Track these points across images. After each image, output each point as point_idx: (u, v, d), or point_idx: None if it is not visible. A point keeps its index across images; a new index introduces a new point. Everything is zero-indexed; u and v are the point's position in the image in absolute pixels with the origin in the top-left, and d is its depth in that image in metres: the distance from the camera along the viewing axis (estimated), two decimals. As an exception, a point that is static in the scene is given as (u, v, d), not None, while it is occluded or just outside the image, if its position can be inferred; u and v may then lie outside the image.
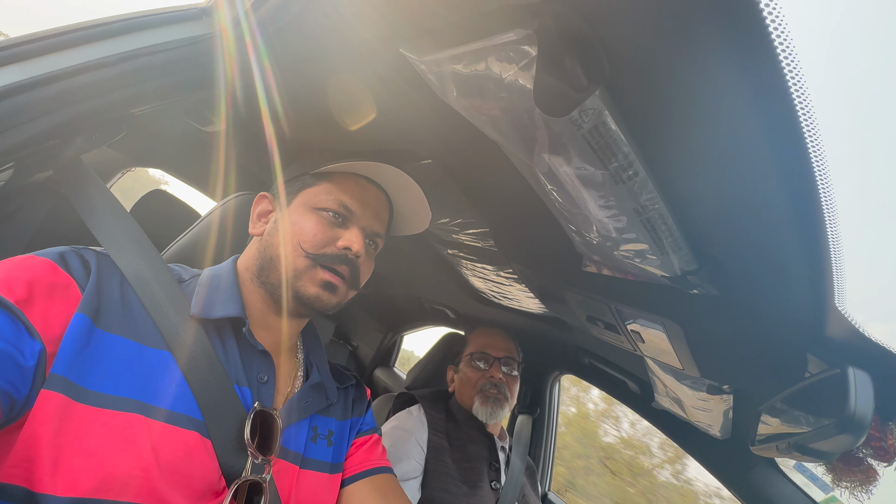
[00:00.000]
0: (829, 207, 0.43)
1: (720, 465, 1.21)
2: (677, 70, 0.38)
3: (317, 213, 0.66)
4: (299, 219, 0.65)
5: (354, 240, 0.65)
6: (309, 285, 0.63)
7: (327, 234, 0.65)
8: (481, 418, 1.29)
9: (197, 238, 0.84)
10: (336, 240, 0.65)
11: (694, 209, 0.56)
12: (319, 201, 0.66)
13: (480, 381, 1.33)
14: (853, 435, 0.52)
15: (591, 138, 0.48)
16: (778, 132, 0.38)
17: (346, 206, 0.67)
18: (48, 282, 0.49)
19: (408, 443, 1.19)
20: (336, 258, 0.64)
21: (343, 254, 0.65)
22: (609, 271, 0.82)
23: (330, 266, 0.64)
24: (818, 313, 0.58)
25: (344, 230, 0.67)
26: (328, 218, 0.66)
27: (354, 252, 0.65)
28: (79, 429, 0.45)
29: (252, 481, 0.54)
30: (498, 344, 1.39)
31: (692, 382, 1.00)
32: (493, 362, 1.35)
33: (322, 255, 0.64)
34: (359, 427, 0.77)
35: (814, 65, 0.33)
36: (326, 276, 0.64)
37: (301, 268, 0.63)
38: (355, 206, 0.68)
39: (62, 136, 0.58)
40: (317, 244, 0.64)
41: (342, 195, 0.67)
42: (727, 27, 0.32)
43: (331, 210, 0.66)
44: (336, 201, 0.66)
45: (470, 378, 1.35)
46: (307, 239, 0.63)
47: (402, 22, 0.47)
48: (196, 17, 0.63)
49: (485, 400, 1.29)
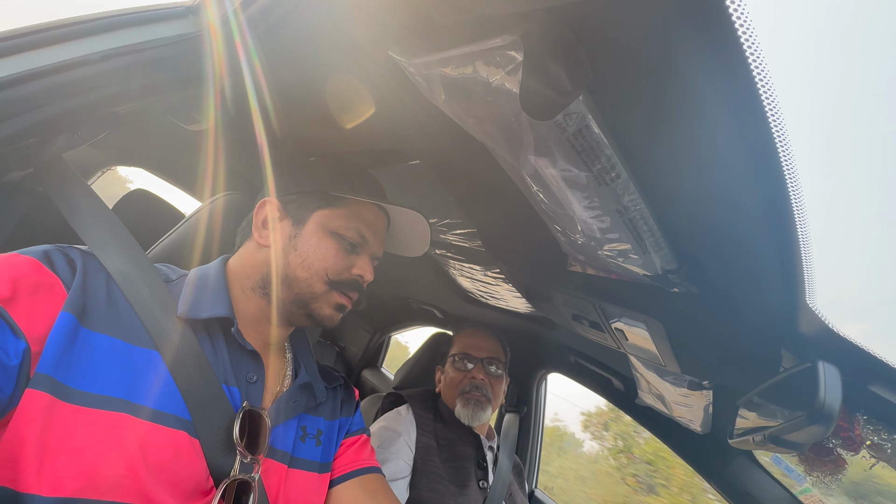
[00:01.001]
0: (800, 210, 0.46)
1: (701, 459, 1.25)
2: (657, 77, 0.40)
3: (336, 239, 0.68)
4: (318, 243, 0.67)
5: (367, 269, 0.70)
6: (325, 307, 0.67)
7: (346, 262, 0.68)
8: (463, 420, 1.30)
9: (183, 237, 0.83)
10: (351, 267, 0.69)
11: (674, 210, 0.58)
12: (339, 227, 0.69)
13: (462, 382, 1.33)
14: (823, 425, 0.54)
15: (576, 141, 0.49)
16: (751, 139, 0.40)
17: (362, 235, 0.70)
18: (33, 280, 0.49)
19: (396, 443, 1.19)
20: (350, 284, 0.68)
21: (356, 280, 0.69)
22: (593, 270, 0.84)
23: (345, 291, 0.68)
24: (791, 310, 0.60)
25: (357, 257, 0.70)
26: (345, 245, 0.69)
27: (365, 280, 0.70)
28: (64, 428, 0.45)
29: (240, 480, 0.54)
30: (481, 344, 1.40)
31: (674, 379, 1.03)
32: (476, 363, 1.35)
33: (339, 281, 0.67)
34: (348, 427, 0.77)
35: (784, 75, 0.35)
36: (342, 300, 0.68)
37: (319, 292, 0.66)
38: (369, 234, 0.71)
39: (43, 134, 0.57)
40: (337, 272, 0.67)
41: (360, 224, 0.70)
42: (702, 37, 0.34)
43: (349, 239, 0.69)
44: (355, 230, 0.69)
45: (453, 379, 1.36)
46: (330, 266, 0.66)
47: (391, 24, 0.48)
48: (182, 16, 0.62)
49: (466, 402, 1.30)
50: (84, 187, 0.63)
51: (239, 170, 1.15)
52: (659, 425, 1.36)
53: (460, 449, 1.27)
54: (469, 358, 1.36)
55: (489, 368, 1.36)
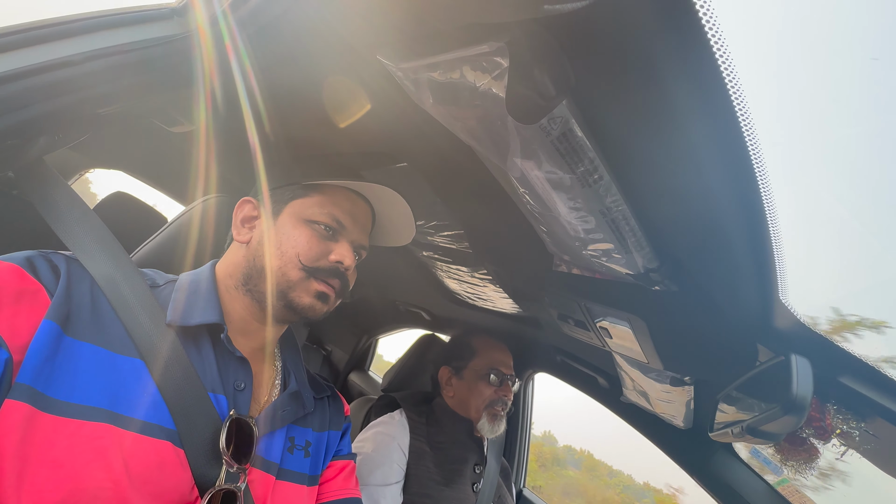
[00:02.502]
0: (771, 210, 0.48)
1: (684, 455, 1.28)
2: (636, 83, 0.42)
3: (309, 226, 0.67)
4: (292, 231, 0.66)
5: (346, 254, 0.67)
6: (304, 295, 0.65)
7: (321, 247, 0.66)
8: (485, 434, 1.30)
9: (167, 241, 0.82)
10: (328, 253, 0.67)
11: (654, 211, 0.60)
12: (312, 214, 0.67)
13: (493, 397, 1.33)
14: (796, 416, 0.57)
15: (560, 144, 0.51)
16: (723, 142, 0.42)
17: (338, 221, 0.68)
18: (15, 288, 0.48)
19: (389, 447, 1.19)
20: (329, 271, 0.66)
21: (335, 267, 0.66)
22: (578, 270, 0.86)
23: (323, 278, 0.65)
24: (766, 306, 0.63)
25: (335, 243, 0.68)
26: (320, 231, 0.67)
27: (345, 266, 0.67)
28: (45, 440, 0.44)
29: (226, 490, 0.53)
30: (507, 361, 1.41)
31: (656, 375, 1.06)
32: (506, 380, 1.36)
33: (316, 267, 0.65)
34: (337, 448, 0.76)
35: (753, 80, 0.37)
36: (321, 286, 0.65)
37: (295, 279, 0.64)
38: (346, 220, 0.69)
39: (23, 135, 0.56)
40: (312, 257, 0.65)
41: (334, 209, 0.68)
42: (676, 45, 0.36)
43: (323, 224, 0.67)
44: (329, 215, 0.68)
45: (482, 393, 1.34)
46: (303, 252, 0.65)
47: (380, 29, 0.48)
48: (167, 17, 0.62)
49: (493, 417, 1.30)
50: (67, 190, 0.61)
51: (225, 173, 1.13)
52: (643, 422, 1.38)
53: (456, 452, 1.27)
54: (499, 374, 1.36)
55: (511, 384, 1.38)
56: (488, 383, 1.34)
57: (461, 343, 1.46)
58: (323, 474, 0.72)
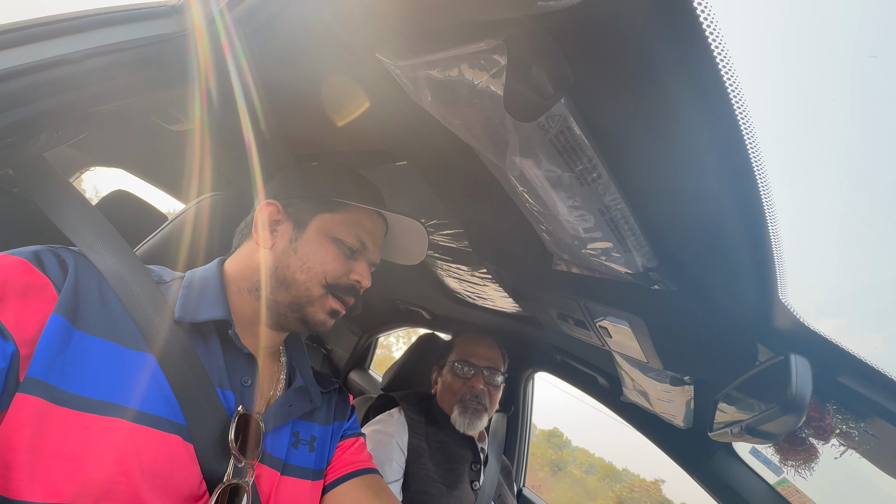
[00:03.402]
0: (770, 209, 0.48)
1: (684, 454, 1.28)
2: (635, 81, 0.42)
3: (336, 245, 0.68)
4: (318, 248, 0.67)
5: (365, 275, 0.70)
6: (319, 312, 0.67)
7: (345, 267, 0.68)
8: (459, 428, 1.29)
9: (168, 238, 0.82)
10: (349, 272, 0.68)
11: (653, 209, 0.60)
12: (339, 232, 0.68)
13: (462, 389, 1.32)
14: (795, 415, 0.57)
15: (558, 142, 0.51)
16: (723, 141, 0.42)
17: (362, 242, 0.70)
18: (22, 282, 0.48)
19: (388, 446, 1.19)
20: (347, 289, 0.68)
21: (353, 285, 0.69)
22: (578, 269, 0.86)
23: (341, 296, 0.68)
24: (765, 305, 0.63)
25: (355, 262, 0.70)
26: (345, 251, 0.68)
27: (363, 286, 0.70)
28: (58, 433, 0.44)
29: (234, 485, 0.53)
30: (483, 353, 1.38)
31: (656, 375, 1.05)
32: (477, 372, 1.34)
33: (337, 285, 0.67)
34: (343, 431, 0.76)
35: (752, 78, 0.37)
36: (336, 305, 0.67)
37: (315, 296, 0.66)
38: (369, 241, 0.71)
39: (22, 133, 0.56)
40: (335, 276, 0.67)
41: (360, 231, 0.70)
42: (675, 43, 0.36)
43: (348, 245, 0.68)
44: (355, 236, 0.69)
45: (451, 385, 1.34)
46: (329, 271, 0.66)
47: (378, 27, 0.48)
48: (166, 15, 0.62)
49: (464, 410, 1.29)
50: (68, 187, 0.62)
51: (225, 171, 1.13)
52: (643, 422, 1.38)
53: (453, 451, 1.27)
54: (469, 365, 1.35)
55: (489, 377, 1.35)
56: (456, 375, 1.34)
57: (447, 342, 1.47)
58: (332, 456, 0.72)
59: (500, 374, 1.38)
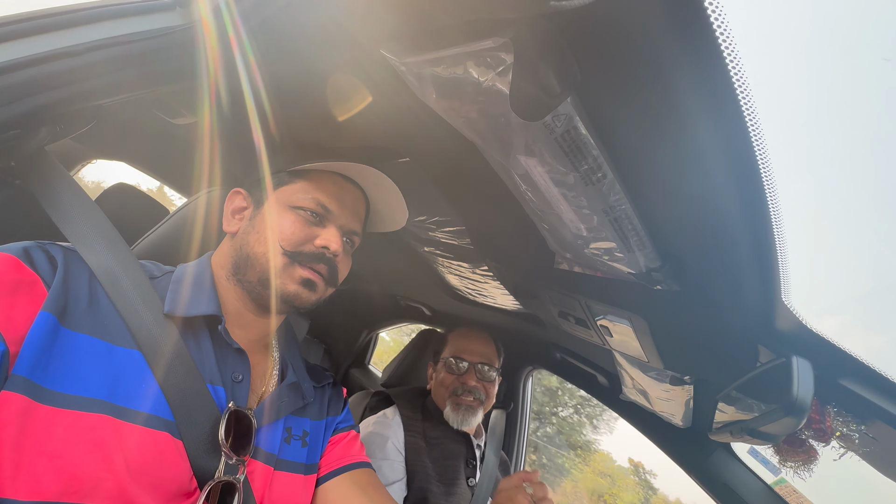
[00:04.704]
0: (776, 210, 0.48)
1: (682, 453, 1.28)
2: (643, 81, 0.41)
3: (294, 212, 0.65)
4: (276, 217, 0.65)
5: (332, 239, 0.65)
6: (289, 283, 0.63)
7: (305, 232, 0.65)
8: (452, 424, 1.28)
9: (169, 233, 0.82)
10: (314, 238, 0.65)
11: (657, 210, 0.60)
12: (297, 200, 0.66)
13: (453, 385, 1.31)
14: (796, 417, 0.57)
15: (563, 142, 0.50)
16: (730, 141, 0.42)
17: (323, 206, 0.67)
18: (11, 279, 0.48)
19: (385, 447, 1.19)
20: (314, 257, 0.64)
21: (321, 252, 0.65)
22: (580, 268, 0.86)
23: (308, 264, 0.64)
24: (767, 307, 0.63)
25: (322, 229, 0.66)
26: (306, 217, 0.66)
27: (332, 251, 0.65)
28: (42, 431, 0.44)
29: (225, 482, 0.53)
30: (475, 348, 1.36)
31: (656, 374, 1.05)
32: (470, 367, 1.33)
33: (300, 252, 0.64)
34: (335, 425, 0.76)
35: (760, 78, 0.36)
36: (306, 273, 0.64)
37: (280, 266, 0.63)
38: (333, 205, 0.67)
39: (25, 126, 0.55)
40: (295, 242, 0.64)
41: (319, 194, 0.67)
42: (684, 42, 0.35)
43: (308, 209, 0.66)
44: (314, 200, 0.66)
45: (443, 381, 1.33)
46: (285, 237, 0.63)
47: (385, 22, 0.48)
48: (170, 8, 0.61)
49: (456, 406, 1.28)
50: (68, 181, 0.61)
51: (227, 165, 1.13)
52: (641, 420, 1.39)
53: (449, 447, 1.27)
54: (461, 361, 1.33)
55: (482, 372, 1.33)
56: (449, 371, 1.33)
57: (441, 337, 1.47)
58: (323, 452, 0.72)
59: (495, 368, 1.37)
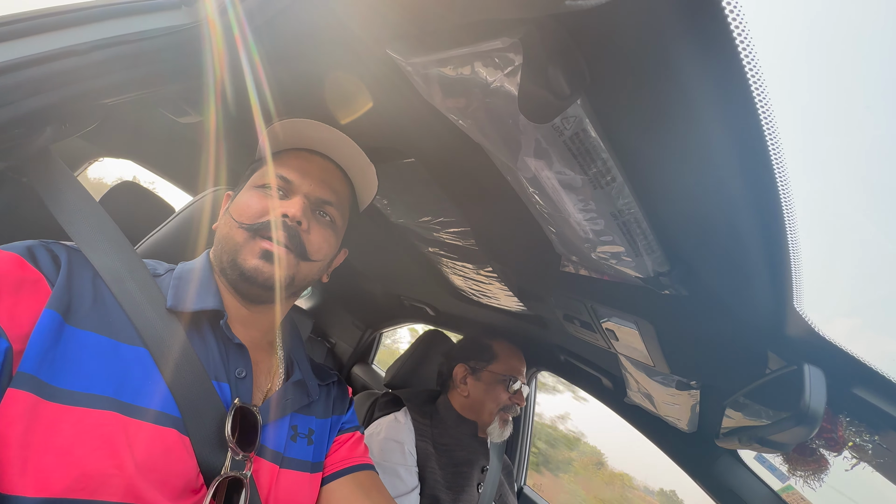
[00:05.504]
0: (790, 215, 0.46)
1: (687, 458, 1.27)
2: (654, 83, 0.40)
3: (256, 190, 0.66)
4: (241, 199, 0.66)
5: (292, 206, 0.63)
6: (249, 258, 0.61)
7: (263, 203, 0.64)
8: (493, 438, 1.31)
9: (174, 232, 0.82)
10: (273, 209, 0.64)
11: (667, 214, 0.59)
12: (260, 179, 0.68)
13: (506, 403, 1.32)
14: (807, 427, 0.56)
15: (572, 144, 0.49)
16: (744, 145, 0.41)
17: (284, 178, 0.67)
18: (15, 277, 0.48)
19: (401, 453, 1.18)
20: (273, 225, 0.62)
21: (281, 221, 0.62)
22: (586, 271, 0.85)
23: (266, 234, 0.62)
24: (778, 313, 0.61)
25: (283, 200, 0.65)
26: (266, 192, 0.66)
27: (291, 216, 0.63)
28: (49, 427, 0.44)
29: (232, 478, 0.53)
30: (524, 370, 1.41)
31: (662, 378, 1.04)
32: (520, 389, 1.36)
33: (258, 224, 0.62)
34: (340, 425, 0.76)
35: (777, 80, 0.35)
36: (264, 244, 0.61)
37: (240, 241, 0.62)
38: (294, 176, 0.67)
39: (29, 125, 0.55)
40: (252, 215, 0.63)
41: (281, 169, 0.67)
42: (699, 43, 0.34)
43: (270, 185, 0.66)
44: (276, 175, 0.67)
45: (498, 397, 1.33)
46: (242, 211, 0.64)
47: (390, 22, 0.47)
48: (175, 7, 0.61)
49: (504, 422, 1.31)
50: (71, 180, 0.61)
51: (233, 165, 1.13)
52: (646, 424, 1.38)
53: (458, 455, 1.26)
54: (516, 381, 1.36)
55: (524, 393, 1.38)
56: (505, 389, 1.34)
57: (481, 344, 1.44)
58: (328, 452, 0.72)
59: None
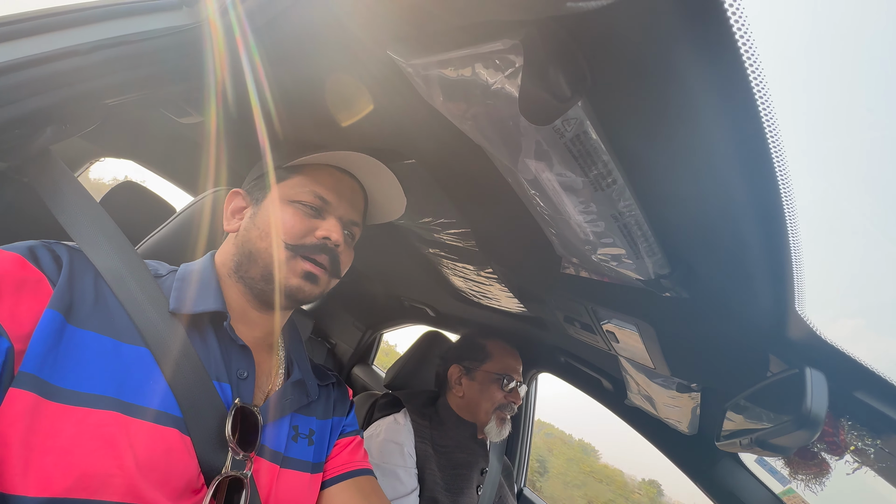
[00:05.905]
0: (792, 218, 0.46)
1: (687, 460, 1.27)
2: (656, 85, 0.40)
3: (293, 206, 0.66)
4: (276, 212, 0.65)
5: (333, 229, 0.66)
6: (291, 277, 0.64)
7: (305, 224, 0.65)
8: (492, 437, 1.30)
9: (175, 233, 0.82)
10: (314, 230, 0.66)
11: (668, 216, 0.59)
12: (295, 194, 0.67)
13: (501, 402, 1.32)
14: (809, 431, 0.55)
15: (573, 146, 0.49)
16: (746, 147, 0.41)
17: (321, 198, 0.67)
18: (16, 277, 0.48)
19: (401, 455, 1.18)
20: (316, 248, 0.65)
21: (322, 243, 0.65)
22: (587, 273, 0.84)
23: (310, 256, 0.64)
24: (780, 316, 0.61)
25: (321, 220, 0.67)
26: (305, 210, 0.66)
27: (334, 241, 0.66)
28: (51, 427, 0.44)
29: (233, 477, 0.53)
30: (519, 368, 1.40)
31: (663, 381, 1.04)
32: (516, 387, 1.36)
33: (302, 245, 0.64)
34: (341, 429, 0.76)
35: (779, 82, 0.35)
36: (308, 266, 0.64)
37: (282, 259, 0.63)
38: (331, 196, 0.68)
39: (30, 125, 0.55)
40: (296, 235, 0.64)
41: (317, 187, 0.68)
42: (701, 44, 0.34)
43: (307, 203, 0.67)
44: (311, 193, 0.67)
45: (493, 396, 1.32)
46: (287, 230, 0.64)
47: (391, 23, 0.47)
48: (176, 7, 0.61)
49: (501, 421, 1.30)
50: (72, 181, 0.61)
51: (234, 165, 1.13)
52: (647, 426, 1.37)
53: (458, 457, 1.26)
54: (511, 379, 1.36)
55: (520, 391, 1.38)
56: (500, 387, 1.34)
57: (475, 344, 1.44)
58: (329, 455, 0.72)
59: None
